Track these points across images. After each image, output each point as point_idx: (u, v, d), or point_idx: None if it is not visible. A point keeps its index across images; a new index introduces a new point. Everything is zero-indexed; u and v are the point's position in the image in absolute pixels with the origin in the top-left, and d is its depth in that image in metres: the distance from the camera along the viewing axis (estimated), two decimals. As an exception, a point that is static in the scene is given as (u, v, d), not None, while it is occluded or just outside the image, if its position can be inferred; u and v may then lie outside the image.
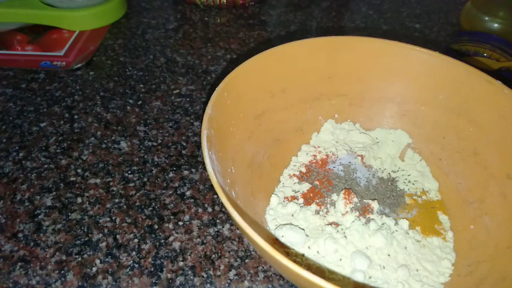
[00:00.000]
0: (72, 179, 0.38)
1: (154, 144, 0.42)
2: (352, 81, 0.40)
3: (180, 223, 0.35)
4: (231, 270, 0.32)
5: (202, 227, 0.35)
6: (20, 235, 0.34)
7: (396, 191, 0.37)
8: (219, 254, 0.33)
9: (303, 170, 0.38)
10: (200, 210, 0.36)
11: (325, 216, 0.34)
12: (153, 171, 0.40)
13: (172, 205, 0.37)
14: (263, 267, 0.33)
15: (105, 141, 0.42)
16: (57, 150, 0.41)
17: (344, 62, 0.39)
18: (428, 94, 0.38)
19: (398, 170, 0.39)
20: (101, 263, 0.32)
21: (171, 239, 0.34)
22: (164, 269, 0.32)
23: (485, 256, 0.31)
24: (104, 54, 0.54)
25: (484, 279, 0.29)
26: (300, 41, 0.37)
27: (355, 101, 0.41)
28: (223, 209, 0.36)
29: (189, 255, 0.33)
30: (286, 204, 0.34)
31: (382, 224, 0.33)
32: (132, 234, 0.34)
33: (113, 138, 0.43)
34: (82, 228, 0.35)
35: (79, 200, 0.37)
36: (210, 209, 0.36)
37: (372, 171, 0.38)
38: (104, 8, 0.58)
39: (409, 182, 0.38)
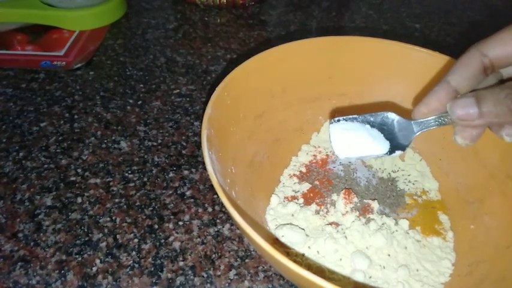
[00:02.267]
0: (72, 178, 0.38)
1: (155, 144, 0.42)
2: (352, 81, 0.40)
3: (180, 223, 0.35)
4: (231, 270, 0.32)
5: (202, 226, 0.35)
6: (20, 235, 0.34)
7: (396, 191, 0.37)
8: (219, 254, 0.33)
9: (303, 169, 0.38)
10: (200, 210, 0.36)
11: (325, 216, 0.34)
12: (153, 171, 0.40)
13: (172, 205, 0.37)
14: (263, 267, 0.33)
15: (105, 141, 0.42)
16: (57, 150, 0.41)
17: (344, 62, 0.39)
18: (428, 94, 0.38)
19: (398, 170, 0.39)
20: (101, 262, 0.32)
21: (171, 238, 0.34)
22: (164, 268, 0.32)
23: (485, 256, 0.31)
24: (103, 54, 0.54)
25: (484, 279, 0.29)
26: (300, 41, 0.37)
27: (355, 101, 0.41)
28: (223, 209, 0.36)
29: (189, 255, 0.33)
30: (286, 204, 0.34)
31: (382, 224, 0.33)
32: (132, 234, 0.34)
33: (113, 138, 0.43)
34: (82, 228, 0.35)
35: (79, 199, 0.37)
36: (210, 209, 0.36)
37: (372, 171, 0.38)
38: (104, 8, 0.58)
39: (409, 182, 0.38)
